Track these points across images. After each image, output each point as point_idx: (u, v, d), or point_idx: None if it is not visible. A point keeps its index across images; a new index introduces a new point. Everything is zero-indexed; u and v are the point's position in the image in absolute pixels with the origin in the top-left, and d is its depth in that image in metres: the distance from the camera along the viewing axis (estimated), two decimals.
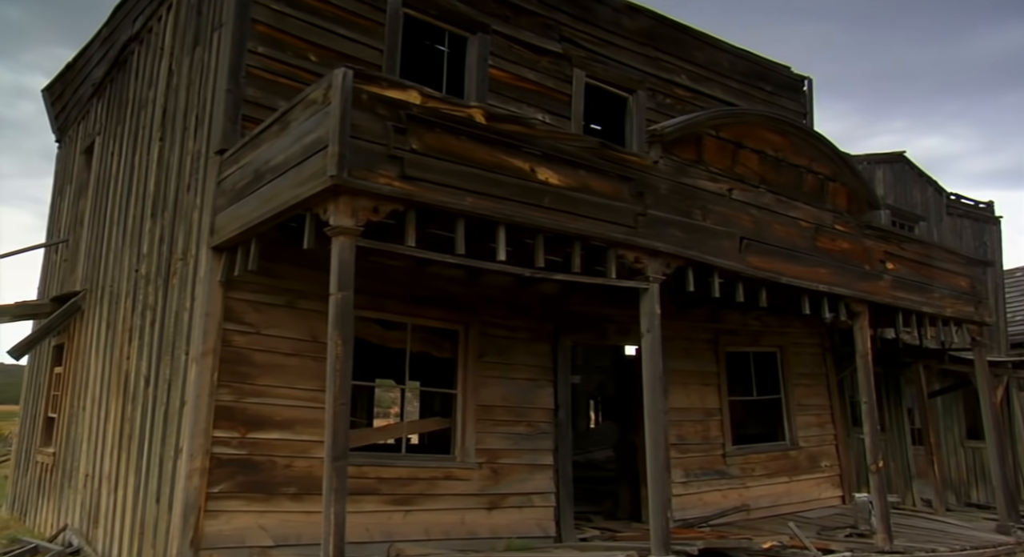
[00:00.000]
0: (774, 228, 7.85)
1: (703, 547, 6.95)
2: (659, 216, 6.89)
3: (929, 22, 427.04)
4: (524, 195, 6.03)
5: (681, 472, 9.97)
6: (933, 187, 15.51)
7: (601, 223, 6.47)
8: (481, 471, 8.20)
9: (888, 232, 9.30)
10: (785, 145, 8.06)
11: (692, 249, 7.09)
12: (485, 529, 8.07)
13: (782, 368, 11.55)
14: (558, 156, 6.27)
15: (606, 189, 6.57)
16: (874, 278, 8.87)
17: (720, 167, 7.53)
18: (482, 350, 8.47)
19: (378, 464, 7.57)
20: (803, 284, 7.99)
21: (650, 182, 6.90)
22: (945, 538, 9.53)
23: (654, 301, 6.76)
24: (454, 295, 8.31)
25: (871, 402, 8.63)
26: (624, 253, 6.68)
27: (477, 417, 8.29)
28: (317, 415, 7.27)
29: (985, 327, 10.54)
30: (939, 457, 12.09)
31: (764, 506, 10.73)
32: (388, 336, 8.13)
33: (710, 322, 10.74)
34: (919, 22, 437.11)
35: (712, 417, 10.53)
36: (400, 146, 5.41)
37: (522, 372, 8.79)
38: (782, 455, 11.27)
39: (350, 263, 5.22)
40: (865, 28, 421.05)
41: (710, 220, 7.30)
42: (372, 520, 7.39)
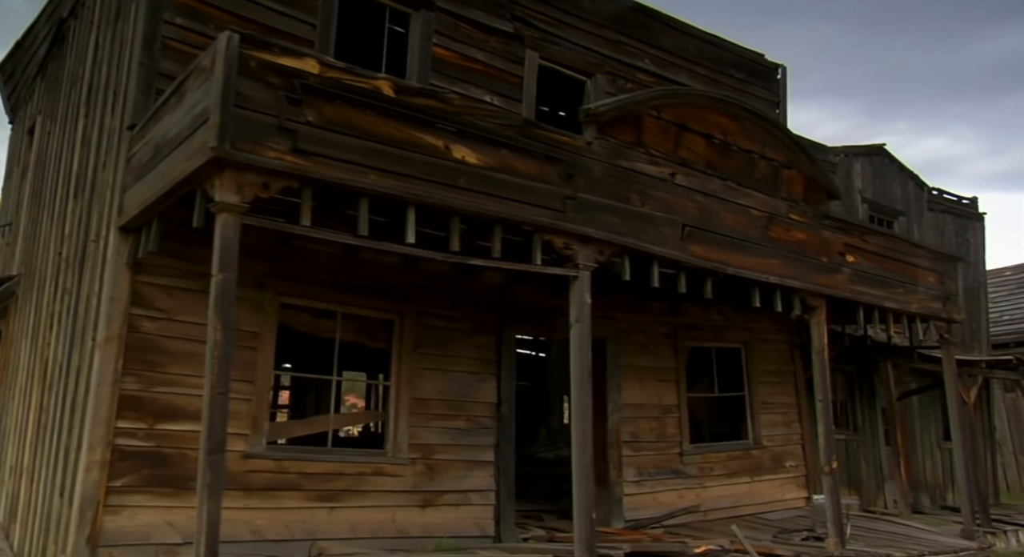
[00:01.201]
0: (722, 216, 7.47)
1: (631, 550, 6.58)
2: (591, 200, 6.51)
3: (933, 24, 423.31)
4: (437, 174, 5.66)
5: (634, 471, 9.61)
6: (914, 181, 15.10)
7: (525, 206, 6.10)
8: (414, 467, 7.84)
9: (849, 223, 8.91)
10: (735, 129, 7.67)
11: (628, 236, 6.71)
12: (417, 528, 7.71)
13: (747, 365, 11.17)
14: (477, 134, 5.90)
15: (531, 170, 6.19)
16: (832, 271, 8.49)
17: (662, 150, 7.14)
18: (419, 341, 8.10)
19: (300, 458, 7.21)
20: (752, 275, 7.61)
21: (582, 164, 6.52)
22: (905, 543, 9.16)
23: (584, 290, 6.39)
24: (389, 283, 7.93)
25: (826, 400, 8.26)
26: (551, 238, 6.30)
27: (411, 411, 7.93)
28: (235, 406, 6.84)
29: (954, 325, 10.15)
30: (906, 459, 11.72)
31: (723, 507, 10.36)
32: (318, 325, 7.77)
33: (670, 316, 10.36)
34: (923, 24, 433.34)
35: (669, 414, 10.16)
36: (294, 118, 5.05)
37: (462, 365, 8.42)
38: (744, 454, 10.89)
39: (233, 242, 4.85)
40: (868, 30, 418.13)
41: (649, 206, 6.92)
42: (293, 517, 7.04)
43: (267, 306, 7.19)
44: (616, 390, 9.55)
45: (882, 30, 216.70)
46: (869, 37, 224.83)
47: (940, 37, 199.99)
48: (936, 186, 15.60)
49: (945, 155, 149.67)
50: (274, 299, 7.24)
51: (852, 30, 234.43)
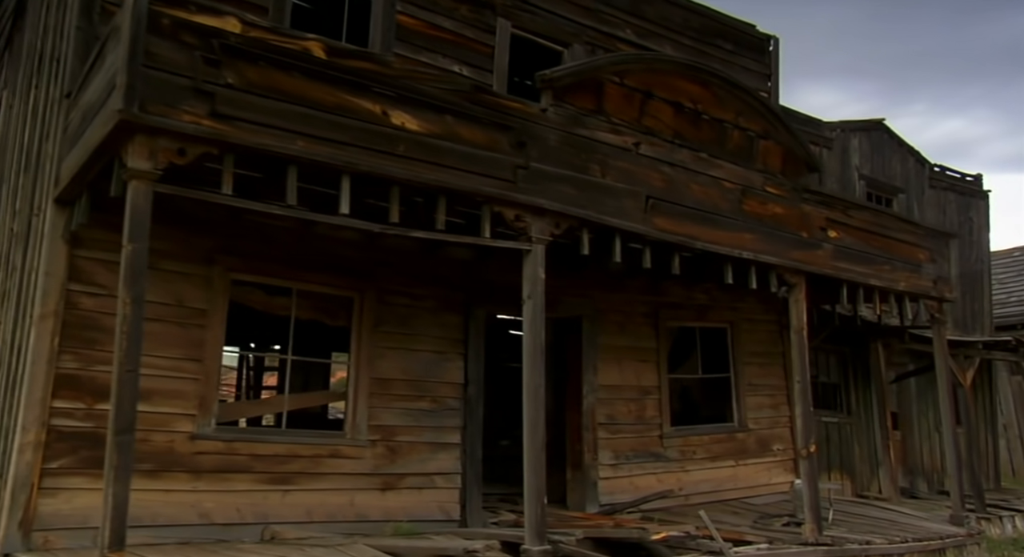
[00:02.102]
0: (690, 188, 7.13)
1: (585, 536, 6.31)
2: (546, 170, 6.20)
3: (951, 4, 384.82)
4: (373, 141, 5.37)
5: (610, 454, 9.34)
6: (915, 158, 14.64)
7: (471, 176, 5.80)
8: (375, 449, 7.60)
9: (831, 197, 8.53)
10: (706, 97, 7.31)
11: (586, 208, 6.40)
12: (378, 511, 7.47)
13: (732, 345, 10.84)
14: (418, 99, 5.59)
15: (479, 138, 5.89)
16: (812, 247, 8.13)
17: (625, 118, 6.81)
18: (380, 319, 7.83)
19: (251, 439, 7.00)
20: (723, 251, 7.28)
21: (536, 132, 6.20)
22: (889, 529, 8.85)
23: (537, 265, 6.10)
24: (348, 259, 7.66)
25: (804, 382, 7.94)
26: (502, 210, 6.00)
27: (372, 391, 7.68)
28: (181, 386, 6.71)
29: (946, 304, 9.76)
30: (901, 442, 11.36)
31: (705, 491, 10.07)
32: (273, 302, 7.53)
33: (650, 295, 10.04)
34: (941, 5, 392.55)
35: (649, 396, 9.86)
36: (212, 80, 4.77)
37: (427, 344, 8.15)
38: (728, 437, 10.59)
39: (145, 211, 4.59)
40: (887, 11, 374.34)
41: (611, 177, 6.60)
42: (244, 500, 6.81)
43: (216, 282, 6.94)
44: (592, 371, 9.26)
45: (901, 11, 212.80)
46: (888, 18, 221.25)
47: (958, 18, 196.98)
48: (938, 162, 15.12)
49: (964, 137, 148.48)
50: (224, 275, 6.99)
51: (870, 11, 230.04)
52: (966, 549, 9.02)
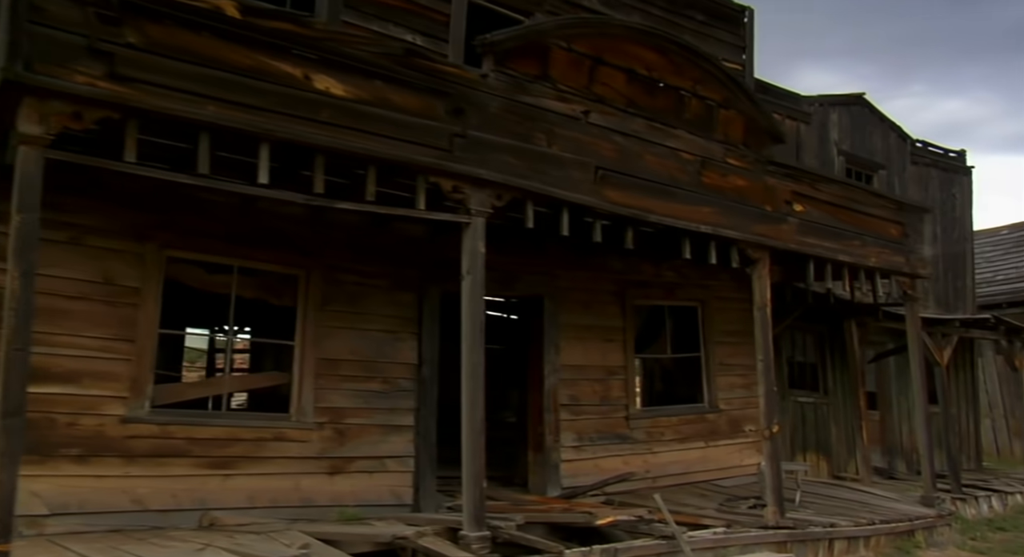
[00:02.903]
0: (645, 159, 6.83)
1: (525, 521, 6.07)
2: (486, 139, 5.90)
3: None
4: (294, 107, 5.07)
5: (573, 436, 9.09)
6: (896, 133, 14.31)
7: (404, 144, 5.50)
8: (322, 432, 7.33)
9: (797, 170, 8.23)
10: (662, 64, 6.99)
11: (531, 179, 6.10)
12: (325, 496, 7.22)
13: (703, 324, 10.58)
14: (344, 62, 5.29)
15: (412, 104, 5.58)
16: (777, 221, 7.85)
17: (574, 85, 6.49)
18: (327, 298, 7.55)
19: (188, 423, 6.70)
20: (680, 224, 6.99)
21: (475, 99, 5.90)
22: (858, 511, 8.63)
23: (477, 238, 5.82)
24: (293, 235, 7.37)
25: (767, 360, 7.69)
26: (438, 181, 5.71)
27: (318, 372, 7.40)
28: (111, 367, 6.42)
29: (919, 280, 9.49)
30: (874, 422, 11.13)
31: (673, 474, 9.85)
32: (212, 281, 7.24)
33: (617, 273, 9.75)
34: None
35: (615, 376, 9.60)
36: (110, 39, 4.46)
37: (378, 323, 7.87)
38: (698, 418, 10.35)
39: (35, 178, 4.29)
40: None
41: (557, 146, 6.30)
42: (181, 485, 6.55)
43: (149, 259, 6.65)
44: (554, 351, 8.99)
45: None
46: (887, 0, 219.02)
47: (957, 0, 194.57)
48: (921, 138, 14.81)
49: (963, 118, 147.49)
50: (158, 252, 6.70)
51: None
52: (936, 530, 8.81)
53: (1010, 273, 19.90)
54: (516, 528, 5.82)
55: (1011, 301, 18.78)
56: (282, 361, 12.71)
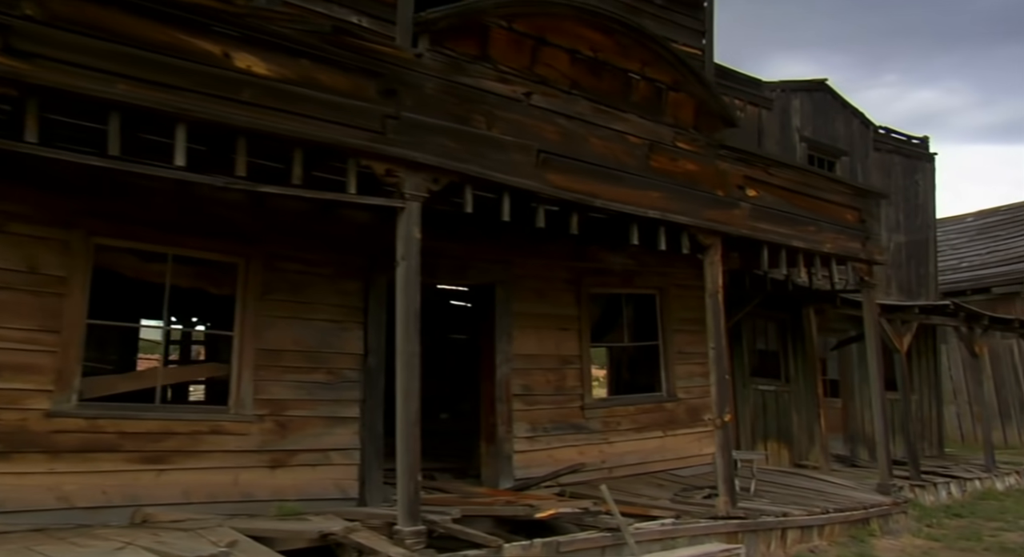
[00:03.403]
0: (590, 142, 6.66)
1: (463, 515, 5.91)
2: (422, 121, 5.70)
3: None
4: (213, 86, 4.84)
5: (526, 426, 8.94)
6: (859, 119, 14.25)
7: (332, 126, 5.29)
8: (263, 425, 7.13)
9: (750, 154, 8.09)
10: (608, 45, 6.81)
11: (469, 162, 5.91)
12: (266, 491, 7.02)
13: (661, 312, 10.46)
14: (268, 40, 5.06)
15: (342, 85, 5.37)
16: (729, 206, 7.71)
17: (515, 66, 6.30)
18: (268, 287, 7.33)
19: (118, 416, 6.46)
20: (627, 209, 6.83)
21: (409, 79, 5.69)
22: (814, 499, 8.55)
23: (412, 224, 5.62)
24: (233, 222, 7.14)
25: (718, 348, 7.57)
26: (371, 164, 5.51)
27: (259, 363, 7.19)
28: (34, 359, 6.16)
29: (875, 266, 9.41)
30: (836, 410, 11.08)
31: (630, 464, 9.74)
32: (146, 269, 6.99)
33: (572, 260, 9.60)
34: None
35: (570, 365, 9.45)
36: (6, 11, 4.19)
37: (322, 313, 7.66)
38: (656, 407, 10.24)
39: None
40: None
41: (498, 129, 6.11)
42: (112, 481, 6.32)
43: (76, 247, 6.39)
44: (506, 340, 8.83)
45: None
46: None
47: None
48: (884, 125, 14.76)
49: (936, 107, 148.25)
50: (86, 239, 6.44)
51: None
52: (892, 518, 8.76)
53: (974, 260, 20.00)
54: (453, 522, 5.65)
55: (975, 288, 18.90)
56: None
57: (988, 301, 18.52)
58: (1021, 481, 12.51)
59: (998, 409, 18.95)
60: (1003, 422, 18.84)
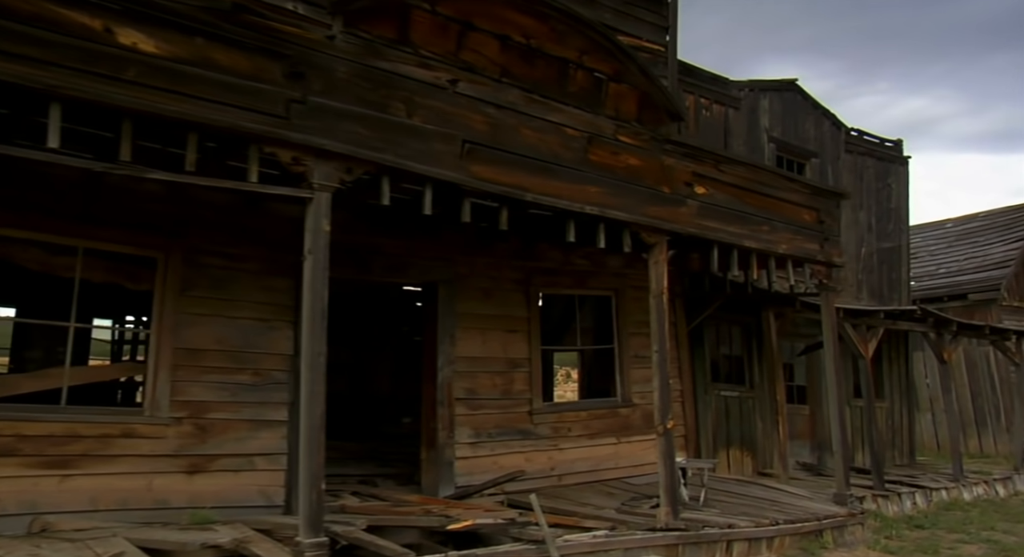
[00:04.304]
0: (522, 133, 6.33)
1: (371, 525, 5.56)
2: (332, 106, 5.36)
3: None
4: (92, 63, 4.49)
5: (470, 432, 8.60)
6: (830, 121, 13.97)
7: (230, 109, 4.95)
8: (180, 427, 6.78)
9: (699, 149, 7.76)
10: (543, 31, 6.48)
11: (385, 152, 5.58)
12: (182, 497, 6.67)
13: (617, 314, 10.14)
14: (156, 15, 4.72)
15: (242, 66, 5.03)
16: (675, 203, 7.39)
17: (439, 52, 5.97)
18: (189, 282, 6.99)
19: (16, 418, 6.10)
20: (561, 204, 6.50)
21: (319, 62, 5.36)
22: (766, 510, 8.23)
23: (320, 216, 5.29)
24: (152, 214, 6.82)
25: (662, 352, 7.23)
26: (276, 151, 5.17)
27: (177, 363, 6.84)
28: None
29: (835, 268, 9.10)
30: (785, 417, 10.77)
31: (581, 471, 9.42)
32: (54, 263, 6.62)
33: (521, 259, 9.29)
34: None
35: (518, 369, 9.13)
36: None
37: (248, 310, 7.32)
38: (610, 413, 9.91)
39: None
40: None
41: (419, 117, 5.77)
42: (7, 487, 5.96)
43: None
44: (449, 341, 8.49)
45: None
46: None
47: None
48: (856, 127, 14.48)
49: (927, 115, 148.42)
50: None
51: None
52: (847, 530, 8.44)
53: (952, 266, 19.75)
54: (366, 532, 5.30)
55: (952, 294, 18.67)
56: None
57: (965, 307, 18.28)
58: (989, 491, 12.22)
59: (974, 417, 18.69)
60: (979, 430, 18.57)
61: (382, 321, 14.61)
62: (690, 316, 10.82)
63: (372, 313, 14.44)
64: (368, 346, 15.48)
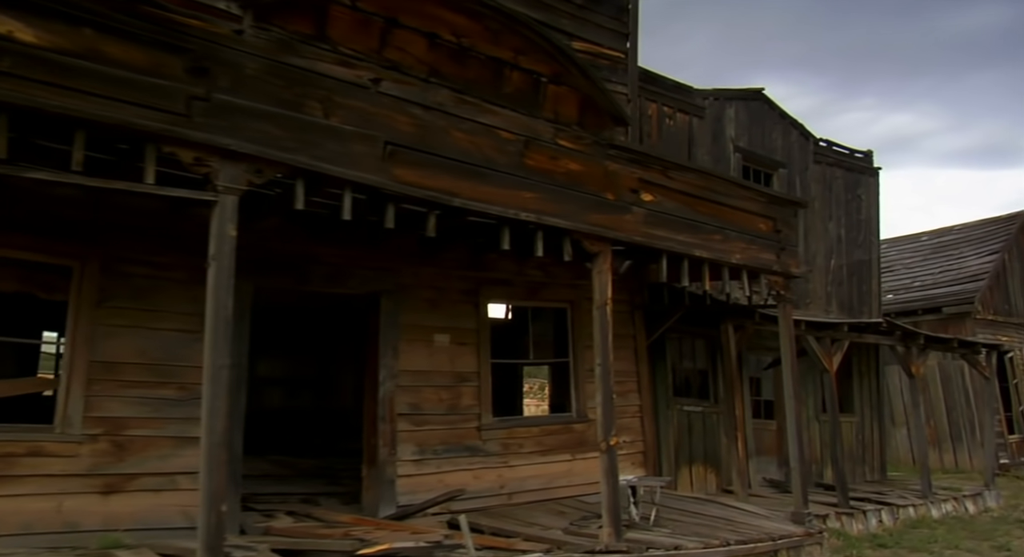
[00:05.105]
0: (453, 136, 6.05)
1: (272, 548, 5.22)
2: (239, 104, 5.07)
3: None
4: None
5: (414, 448, 8.26)
6: (798, 131, 13.77)
7: (123, 105, 4.64)
8: (95, 445, 6.43)
9: (646, 155, 7.50)
10: (475, 30, 6.21)
11: (299, 153, 5.28)
12: (96, 519, 6.31)
13: (572, 327, 9.84)
14: (37, 3, 4.41)
15: (138, 60, 4.73)
16: (619, 210, 7.11)
17: (360, 49, 5.69)
18: (108, 292, 6.66)
19: None
20: (493, 210, 6.21)
21: (226, 57, 5.06)
22: (719, 529, 7.91)
23: (226, 219, 4.97)
24: (68, 220, 6.49)
25: (605, 365, 6.94)
26: (176, 151, 4.87)
27: (93, 377, 6.50)
28: None
29: (792, 279, 8.84)
30: (744, 434, 10.47)
31: (533, 489, 9.08)
32: None
33: (471, 269, 8.98)
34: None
35: (466, 383, 8.81)
36: None
37: (174, 322, 6.97)
38: (564, 429, 9.59)
39: None
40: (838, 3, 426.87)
41: (338, 117, 5.48)
42: None
43: None
44: (391, 354, 8.17)
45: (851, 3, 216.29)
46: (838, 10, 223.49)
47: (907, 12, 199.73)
48: (825, 137, 14.28)
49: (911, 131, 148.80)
50: None
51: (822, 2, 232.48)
52: (804, 549, 8.12)
53: (927, 279, 19.57)
54: None
55: (926, 307, 18.48)
56: None
57: (939, 321, 18.10)
58: (959, 508, 11.95)
59: (949, 432, 18.45)
60: (954, 445, 18.33)
61: (347, 335, 14.27)
62: (650, 329, 10.53)
63: (337, 327, 14.13)
64: (333, 361, 15.16)
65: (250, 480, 9.74)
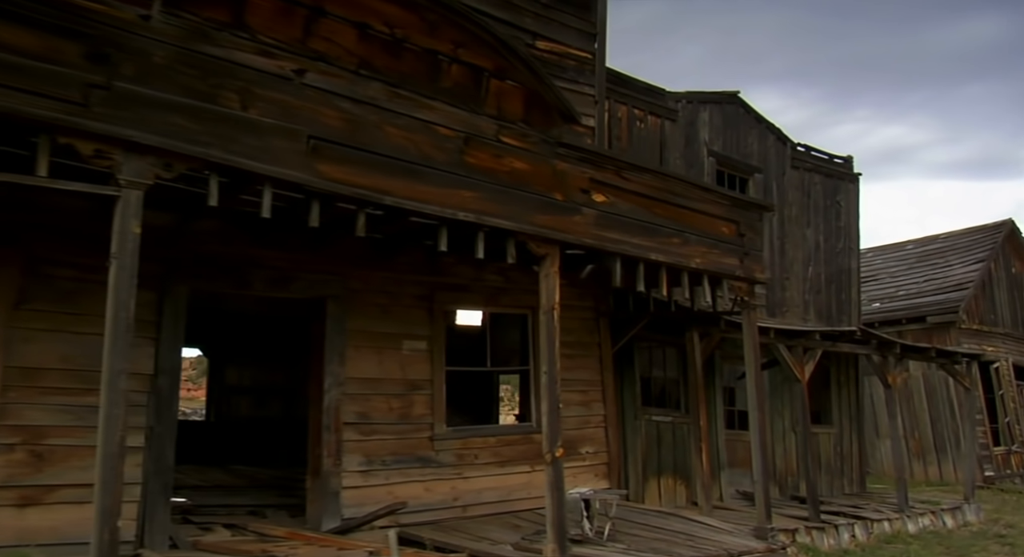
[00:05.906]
0: (385, 131, 5.75)
1: None
2: (145, 94, 4.77)
3: (893, 10, 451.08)
4: None
5: (361, 459, 7.96)
6: (775, 135, 13.50)
7: (12, 92, 4.34)
8: (11, 455, 6.12)
9: (598, 155, 7.21)
10: (410, 21, 5.93)
11: (212, 147, 4.98)
12: (9, 534, 6.00)
13: (533, 334, 9.52)
14: None
15: (30, 44, 4.44)
16: (568, 212, 6.82)
17: (282, 39, 5.41)
18: (28, 295, 6.37)
19: None
20: (428, 209, 5.91)
21: (131, 45, 4.77)
22: (678, 545, 7.59)
23: (129, 216, 4.67)
24: None
25: (551, 373, 6.64)
26: (74, 142, 4.57)
27: (9, 383, 6.20)
28: None
29: (756, 285, 8.55)
30: (708, 445, 10.15)
31: (490, 501, 8.78)
32: None
33: (425, 274, 8.69)
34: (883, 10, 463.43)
35: (419, 391, 8.50)
36: None
37: (100, 327, 6.42)
38: (523, 439, 9.28)
39: None
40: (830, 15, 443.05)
41: (257, 110, 5.19)
42: None
43: None
44: (337, 361, 7.87)
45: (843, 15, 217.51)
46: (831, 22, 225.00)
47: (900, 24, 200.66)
48: (803, 142, 14.02)
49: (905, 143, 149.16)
50: None
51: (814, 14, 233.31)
52: None
53: (911, 288, 19.30)
54: None
55: (911, 317, 18.21)
56: None
57: (923, 330, 17.84)
58: (936, 522, 11.63)
59: (933, 444, 18.15)
60: (939, 457, 18.02)
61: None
62: (616, 336, 10.23)
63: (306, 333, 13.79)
64: (302, 368, 14.83)
65: (199, 491, 9.49)
